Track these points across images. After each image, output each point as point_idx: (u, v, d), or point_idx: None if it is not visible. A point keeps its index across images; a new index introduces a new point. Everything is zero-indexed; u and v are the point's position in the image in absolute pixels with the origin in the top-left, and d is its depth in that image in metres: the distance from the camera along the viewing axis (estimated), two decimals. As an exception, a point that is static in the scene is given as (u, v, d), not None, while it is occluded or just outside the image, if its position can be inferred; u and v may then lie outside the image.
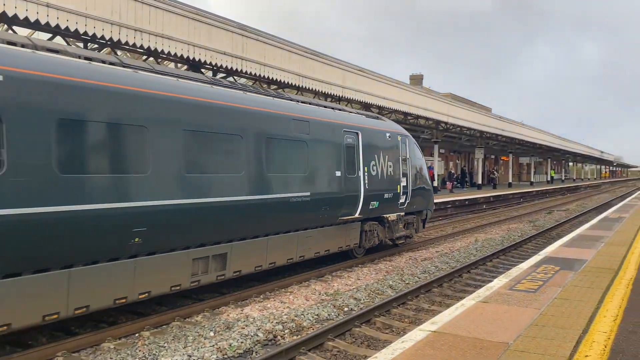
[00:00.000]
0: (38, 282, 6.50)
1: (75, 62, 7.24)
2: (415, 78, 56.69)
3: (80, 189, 6.89)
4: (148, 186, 7.73)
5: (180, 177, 8.26)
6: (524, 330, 5.80)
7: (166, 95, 8.13)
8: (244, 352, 7.35)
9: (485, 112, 46.55)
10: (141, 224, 7.57)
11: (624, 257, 10.53)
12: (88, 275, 7.07)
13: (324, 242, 11.90)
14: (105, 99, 7.22)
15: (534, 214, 29.71)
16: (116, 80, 7.49)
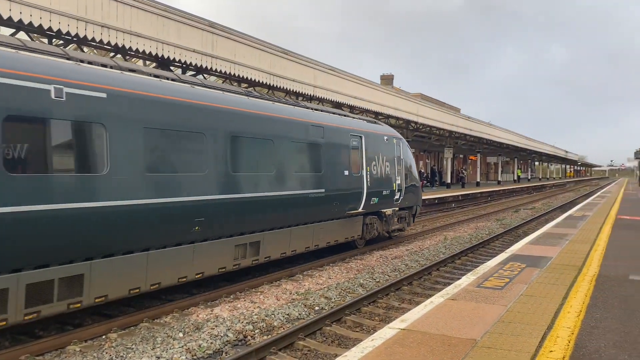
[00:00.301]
0: (127, 262, 7.93)
1: (149, 80, 8.68)
2: (386, 78, 57.09)
3: (162, 185, 8.40)
4: (206, 183, 9.20)
5: (229, 175, 9.73)
6: (491, 327, 5.90)
7: (217, 107, 9.66)
8: (214, 353, 7.29)
9: (454, 112, 47.21)
10: (201, 214, 9.05)
11: (587, 254, 10.81)
12: (161, 258, 8.49)
13: (334, 233, 13.38)
14: (175, 110, 8.69)
15: (501, 213, 30.27)
16: (181, 95, 8.96)
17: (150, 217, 8.20)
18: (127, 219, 7.83)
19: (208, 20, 15.78)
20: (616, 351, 5.19)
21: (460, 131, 43.56)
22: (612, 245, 12.01)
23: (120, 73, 8.25)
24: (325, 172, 12.72)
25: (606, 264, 9.74)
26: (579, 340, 5.50)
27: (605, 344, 5.38)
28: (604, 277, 8.59)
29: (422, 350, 5.17)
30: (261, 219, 10.68)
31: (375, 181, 14.73)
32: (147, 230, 8.19)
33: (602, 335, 5.65)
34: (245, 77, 17.37)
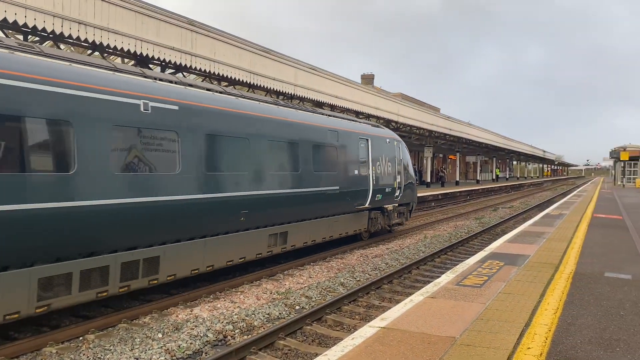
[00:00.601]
0: (191, 247, 9.37)
1: (205, 93, 10.18)
2: (367, 77, 57.27)
3: (219, 183, 9.95)
4: (249, 181, 10.77)
5: (266, 174, 11.30)
6: (470, 325, 5.95)
7: (256, 115, 11.19)
8: (193, 353, 7.23)
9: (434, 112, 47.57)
10: (245, 208, 10.59)
11: (564, 252, 10.97)
12: (215, 244, 9.95)
13: (345, 225, 14.92)
14: (226, 119, 10.24)
15: (480, 211, 30.59)
16: (230, 105, 10.57)
17: (210, 209, 9.74)
18: (193, 211, 9.33)
19: (187, 18, 15.64)
20: (592, 347, 5.27)
21: (440, 131, 43.92)
22: (588, 243, 12.21)
23: (184, 88, 9.76)
24: (339, 171, 14.28)
25: (582, 261, 9.90)
26: (556, 337, 5.57)
27: (582, 340, 5.46)
28: (581, 274, 8.73)
29: (401, 348, 5.19)
30: (289, 213, 12.25)
31: (379, 179, 16.30)
32: (206, 220, 9.72)
33: (579, 332, 5.74)
34: (225, 75, 17.26)
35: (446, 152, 66.41)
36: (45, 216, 6.94)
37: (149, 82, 9.07)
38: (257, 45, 18.78)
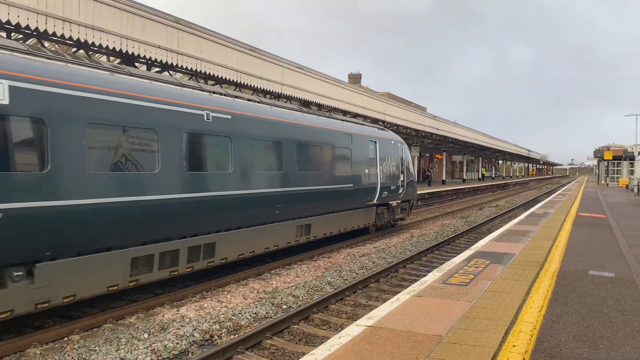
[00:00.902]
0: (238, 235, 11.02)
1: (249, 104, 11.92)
2: (354, 77, 57.30)
3: (263, 180, 11.68)
4: (283, 179, 12.39)
5: (296, 173, 12.92)
6: (456, 323, 5.99)
7: (288, 122, 12.92)
8: (180, 353, 7.20)
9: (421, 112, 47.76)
10: (280, 202, 12.22)
11: (549, 250, 11.08)
12: (256, 232, 11.53)
13: (356, 219, 16.59)
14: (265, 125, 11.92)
15: (466, 210, 30.79)
16: (266, 113, 12.23)
17: (254, 203, 11.33)
18: (241, 204, 10.92)
19: (173, 16, 15.53)
20: (576, 344, 5.33)
21: (426, 130, 44.10)
22: (572, 242, 12.34)
23: (233, 100, 11.38)
24: (353, 170, 15.93)
25: (567, 259, 10.00)
26: (540, 334, 5.63)
27: (566, 338, 5.52)
28: (565, 272, 8.82)
29: (388, 347, 5.21)
30: (312, 207, 13.78)
31: (385, 178, 17.99)
32: (250, 212, 11.29)
33: (563, 330, 5.80)
34: (211, 74, 17.18)
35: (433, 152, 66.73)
36: (137, 207, 8.51)
37: (208, 95, 10.68)
38: (243, 44, 18.72)
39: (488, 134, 70.09)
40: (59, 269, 7.42)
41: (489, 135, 70.70)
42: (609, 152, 56.57)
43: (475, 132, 61.89)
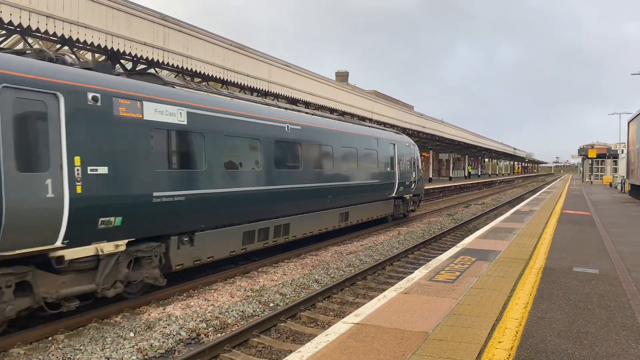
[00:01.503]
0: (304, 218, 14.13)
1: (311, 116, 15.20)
2: (341, 75, 57.33)
3: (321, 176, 14.85)
4: (332, 175, 15.56)
5: (340, 170, 16.05)
6: (443, 320, 6.02)
7: (334, 130, 16.00)
8: (166, 352, 7.16)
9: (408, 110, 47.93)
10: (330, 194, 15.37)
11: (534, 247, 11.18)
12: (314, 217, 14.71)
13: (379, 209, 19.76)
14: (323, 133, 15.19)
15: (453, 208, 30.96)
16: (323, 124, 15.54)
17: (315, 193, 14.64)
18: (306, 194, 14.11)
19: (160, 13, 15.41)
20: (560, 340, 5.39)
21: (413, 128, 44.27)
22: (557, 239, 12.46)
23: (299, 113, 14.67)
24: (379, 168, 19.03)
25: (552, 256, 10.10)
26: (526, 330, 5.68)
27: (551, 334, 5.57)
28: (550, 269, 8.90)
29: (375, 344, 5.22)
30: (350, 198, 16.90)
31: (401, 175, 21.08)
32: (312, 201, 14.54)
33: (548, 326, 5.85)
34: (198, 71, 17.08)
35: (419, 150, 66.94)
36: (249, 195, 11.65)
37: (288, 112, 14.03)
38: (230, 41, 18.63)
39: (474, 132, 70.55)
40: (206, 237, 10.51)
41: (475, 134, 71.15)
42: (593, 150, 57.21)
43: (461, 130, 62.25)
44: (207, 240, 10.51)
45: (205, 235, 10.45)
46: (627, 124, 33.53)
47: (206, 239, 10.48)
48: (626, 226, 15.51)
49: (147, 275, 9.30)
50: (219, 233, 10.86)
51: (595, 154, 56.95)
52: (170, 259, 9.74)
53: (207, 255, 10.59)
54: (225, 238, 11.07)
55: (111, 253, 8.39)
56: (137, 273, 9.11)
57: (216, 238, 10.79)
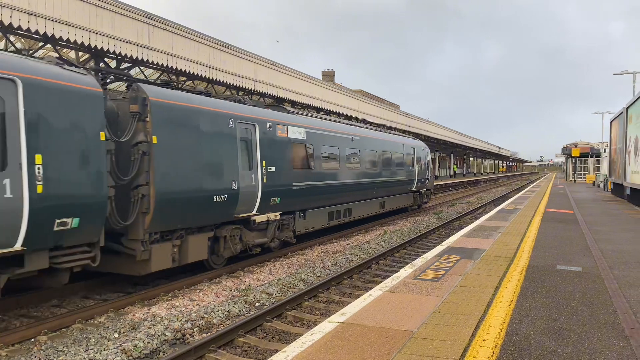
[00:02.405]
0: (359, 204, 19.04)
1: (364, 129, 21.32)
2: (327, 74, 57.34)
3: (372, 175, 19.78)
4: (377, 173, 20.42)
5: (381, 169, 20.82)
6: (428, 318, 6.05)
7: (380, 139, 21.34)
8: (151, 353, 7.11)
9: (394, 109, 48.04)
10: (376, 187, 20.27)
11: (518, 246, 11.28)
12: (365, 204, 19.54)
13: (404, 200, 24.94)
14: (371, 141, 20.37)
15: (438, 207, 31.13)
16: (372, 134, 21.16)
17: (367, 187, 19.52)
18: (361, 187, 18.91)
19: (144, 11, 15.27)
20: (544, 337, 5.44)
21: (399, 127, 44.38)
22: (541, 237, 12.59)
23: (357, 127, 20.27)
24: (404, 168, 24.11)
25: (535, 254, 10.20)
26: (510, 328, 5.73)
27: (534, 331, 5.63)
28: (534, 267, 8.99)
29: (360, 343, 5.23)
30: (386, 191, 21.85)
31: (419, 173, 26.35)
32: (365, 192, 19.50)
33: (532, 323, 5.91)
34: (183, 70, 16.97)
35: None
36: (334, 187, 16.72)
37: (350, 126, 19.71)
38: (215, 40, 18.53)
39: (460, 132, 70.95)
40: (312, 214, 15.56)
41: (461, 133, 71.58)
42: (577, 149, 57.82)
43: (447, 129, 62.58)
44: (312, 216, 15.58)
45: (311, 212, 15.54)
46: (610, 123, 33.96)
47: (312, 215, 15.57)
48: (608, 224, 15.72)
49: (286, 236, 14.26)
50: (317, 211, 15.90)
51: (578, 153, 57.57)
52: (295, 226, 14.57)
53: (311, 226, 15.62)
54: (320, 215, 16.14)
55: (273, 220, 13.29)
56: (282, 234, 14.04)
57: (316, 215, 15.84)
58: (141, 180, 9.44)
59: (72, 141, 7.96)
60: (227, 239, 11.74)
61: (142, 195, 9.42)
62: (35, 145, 7.38)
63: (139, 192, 9.41)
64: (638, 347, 5.18)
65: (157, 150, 9.62)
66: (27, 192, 7.22)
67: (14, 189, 7.10)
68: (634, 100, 23.39)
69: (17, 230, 7.13)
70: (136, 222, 9.38)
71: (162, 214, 9.67)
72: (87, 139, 8.22)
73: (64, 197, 7.76)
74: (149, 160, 9.52)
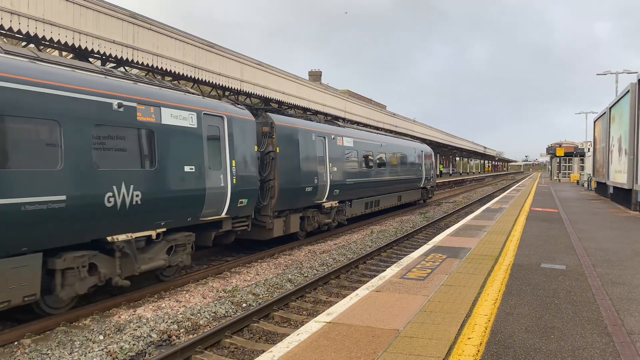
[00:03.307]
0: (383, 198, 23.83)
1: (390, 137, 27.66)
2: (314, 74, 57.33)
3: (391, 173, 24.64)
4: (397, 171, 25.55)
5: (399, 168, 25.80)
6: (414, 317, 6.08)
7: (400, 144, 27.36)
8: (137, 355, 7.06)
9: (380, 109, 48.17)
10: (395, 183, 25.12)
11: (504, 244, 11.37)
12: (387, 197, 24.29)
13: (415, 195, 29.69)
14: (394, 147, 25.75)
15: (425, 206, 31.27)
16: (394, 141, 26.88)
17: (389, 184, 23.91)
18: (385, 184, 23.47)
19: (129, 11, 15.17)
20: (528, 335, 5.49)
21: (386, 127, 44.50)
22: (526, 236, 12.70)
23: (384, 135, 26.37)
24: (414, 167, 28.85)
25: (520, 253, 10.29)
26: (495, 326, 5.77)
27: (519, 329, 5.68)
28: (518, 266, 9.07)
29: (346, 342, 5.24)
30: (402, 187, 26.36)
31: (426, 172, 31.30)
32: (388, 187, 23.77)
33: (516, 321, 5.96)
34: (169, 70, 16.88)
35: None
36: (369, 183, 21.27)
37: (379, 135, 24.69)
38: (201, 40, 18.45)
39: (446, 132, 71.34)
40: (355, 203, 19.89)
41: (447, 133, 71.96)
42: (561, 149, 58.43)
43: (433, 129, 62.88)
44: (356, 205, 20.16)
45: (355, 202, 20.10)
46: (593, 123, 34.36)
47: (356, 204, 20.13)
48: (592, 223, 15.90)
49: (341, 219, 18.76)
50: (359, 201, 20.49)
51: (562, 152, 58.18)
52: (345, 213, 19.09)
53: (355, 212, 20.20)
54: (360, 205, 20.68)
55: (334, 206, 17.86)
56: (338, 217, 18.56)
57: (358, 204, 20.41)
58: (270, 177, 14.18)
59: (245, 152, 12.66)
60: (309, 218, 16.48)
61: (271, 187, 14.16)
62: (232, 154, 12.07)
63: (269, 184, 14.16)
64: (620, 344, 5.25)
65: (279, 157, 14.37)
66: (230, 183, 11.91)
67: (224, 181, 11.76)
68: (617, 100, 23.70)
69: (224, 205, 11.80)
70: (268, 204, 14.08)
71: (281, 199, 14.41)
72: (251, 150, 12.95)
73: (243, 186, 12.41)
74: (274, 163, 14.24)
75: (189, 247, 10.83)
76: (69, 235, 8.03)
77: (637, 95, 18.81)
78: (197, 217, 10.79)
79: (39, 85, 7.61)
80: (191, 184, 10.46)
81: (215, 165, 11.44)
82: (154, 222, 9.66)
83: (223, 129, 11.76)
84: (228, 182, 11.72)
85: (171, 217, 10.09)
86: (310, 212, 16.46)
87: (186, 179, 10.34)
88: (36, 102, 7.53)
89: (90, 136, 8.31)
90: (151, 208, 9.45)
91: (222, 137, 11.73)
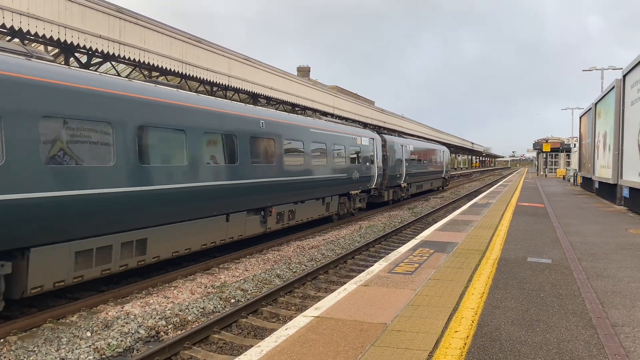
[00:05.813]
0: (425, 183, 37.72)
1: (409, 140, 35.33)
2: (303, 70, 57.20)
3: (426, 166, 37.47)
4: (430, 166, 38.27)
5: (425, 165, 36.45)
6: (401, 311, 6.12)
7: (431, 148, 40.60)
8: (124, 351, 7.04)
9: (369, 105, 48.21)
10: (430, 174, 38.59)
11: (490, 239, 11.47)
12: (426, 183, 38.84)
13: (439, 183, 42.37)
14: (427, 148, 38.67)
15: (413, 202, 31.42)
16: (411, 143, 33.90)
17: (426, 175, 36.77)
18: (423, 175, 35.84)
19: (115, 5, 15.02)
20: (514, 328, 5.55)
21: (374, 123, 44.57)
22: (512, 230, 12.81)
23: (416, 140, 38.26)
24: (438, 163, 40.49)
25: (507, 247, 10.38)
26: (481, 320, 5.83)
27: (505, 322, 5.74)
28: (505, 260, 9.15)
29: (334, 336, 5.26)
30: (429, 178, 37.80)
31: (445, 166, 42.83)
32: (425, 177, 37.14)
33: (503, 314, 6.02)
34: (156, 65, 16.76)
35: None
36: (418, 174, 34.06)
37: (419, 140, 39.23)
38: (188, 35, 18.33)
39: (434, 127, 71.58)
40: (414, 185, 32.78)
41: (435, 129, 72.22)
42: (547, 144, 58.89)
43: (421, 125, 63.07)
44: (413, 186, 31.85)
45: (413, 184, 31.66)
46: (579, 119, 34.69)
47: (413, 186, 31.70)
48: (577, 217, 16.08)
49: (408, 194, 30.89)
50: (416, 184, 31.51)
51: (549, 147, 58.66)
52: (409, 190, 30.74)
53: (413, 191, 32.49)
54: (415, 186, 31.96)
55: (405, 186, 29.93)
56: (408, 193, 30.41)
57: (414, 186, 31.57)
58: (384, 167, 25.30)
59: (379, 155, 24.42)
60: (395, 192, 28.34)
61: (384, 173, 25.00)
62: (377, 157, 24.04)
63: (384, 173, 24.94)
64: (604, 336, 5.33)
65: (387, 158, 26.25)
66: (376, 172, 23.79)
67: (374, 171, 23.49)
68: (602, 96, 23.94)
69: (373, 182, 23.60)
70: (383, 183, 25.22)
71: (388, 181, 26.15)
72: (379, 155, 24.43)
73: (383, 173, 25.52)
74: (386, 161, 25.73)
75: (365, 198, 23.28)
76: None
77: (622, 92, 19.01)
78: (367, 187, 22.78)
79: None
80: (370, 171, 22.76)
81: (372, 162, 23.11)
82: (359, 186, 21.73)
83: (374, 145, 23.73)
84: (375, 172, 23.45)
85: (362, 186, 22.00)
86: (395, 189, 28.46)
87: (370, 169, 22.84)
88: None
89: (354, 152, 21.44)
90: (362, 180, 21.81)
91: (375, 149, 23.69)
